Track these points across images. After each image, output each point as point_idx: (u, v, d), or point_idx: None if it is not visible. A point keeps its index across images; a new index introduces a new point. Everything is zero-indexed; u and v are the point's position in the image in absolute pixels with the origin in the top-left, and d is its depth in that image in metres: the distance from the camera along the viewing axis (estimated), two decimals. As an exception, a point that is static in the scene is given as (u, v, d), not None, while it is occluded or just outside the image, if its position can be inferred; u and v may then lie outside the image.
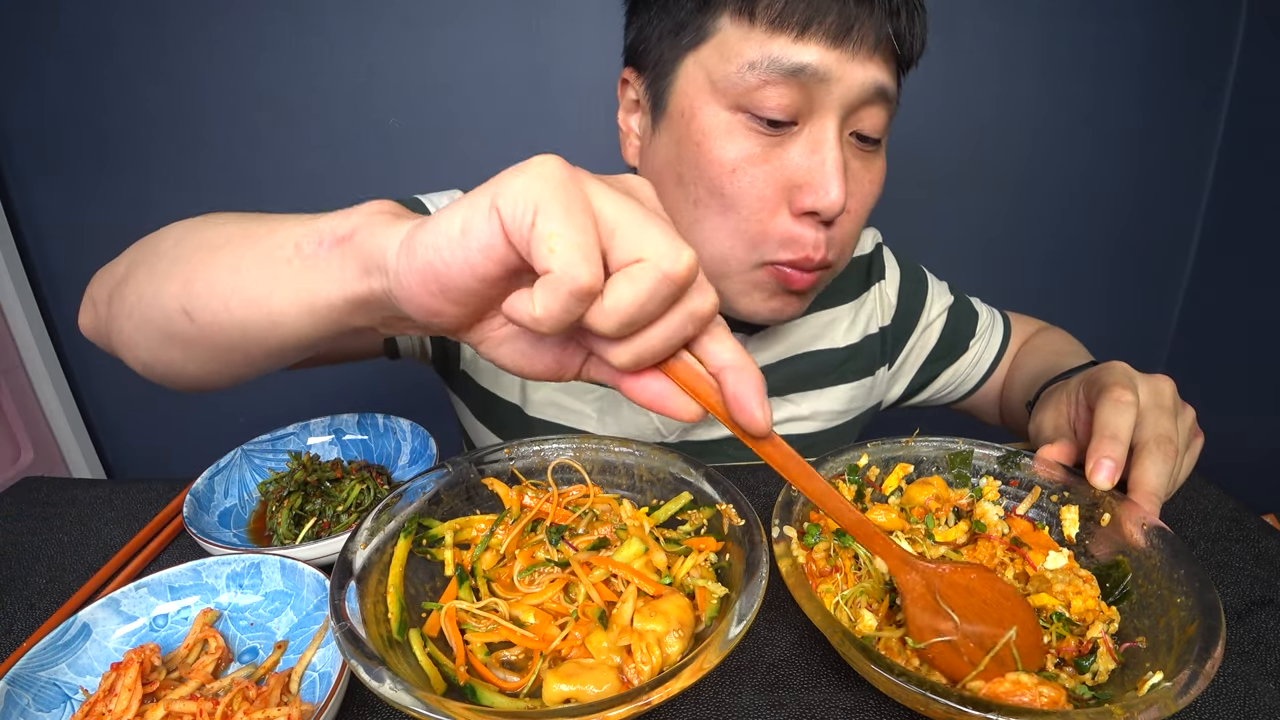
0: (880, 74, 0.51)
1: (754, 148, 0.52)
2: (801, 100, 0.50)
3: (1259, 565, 0.52)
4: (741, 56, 0.50)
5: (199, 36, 1.23)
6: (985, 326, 0.81)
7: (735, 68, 0.51)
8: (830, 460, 0.51)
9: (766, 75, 0.50)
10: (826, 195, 0.51)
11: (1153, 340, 1.60)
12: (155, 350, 0.45)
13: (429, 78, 1.28)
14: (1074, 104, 1.36)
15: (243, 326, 0.38)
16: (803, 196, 0.52)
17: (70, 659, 0.41)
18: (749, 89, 0.50)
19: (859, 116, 0.53)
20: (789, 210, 0.54)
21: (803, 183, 0.52)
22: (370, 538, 0.41)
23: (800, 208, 0.53)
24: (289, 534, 0.57)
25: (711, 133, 0.53)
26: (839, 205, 0.51)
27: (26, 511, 0.61)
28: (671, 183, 0.57)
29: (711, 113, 0.53)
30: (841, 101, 0.51)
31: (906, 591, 0.39)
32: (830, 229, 0.54)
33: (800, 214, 0.53)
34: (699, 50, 0.53)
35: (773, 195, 0.53)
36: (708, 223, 0.55)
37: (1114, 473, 0.45)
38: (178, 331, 0.41)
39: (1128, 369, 0.51)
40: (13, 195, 1.35)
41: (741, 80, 0.50)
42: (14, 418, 1.35)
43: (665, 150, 0.57)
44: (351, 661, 0.32)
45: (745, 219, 0.54)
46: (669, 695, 0.31)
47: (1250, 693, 0.41)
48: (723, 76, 0.51)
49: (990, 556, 0.46)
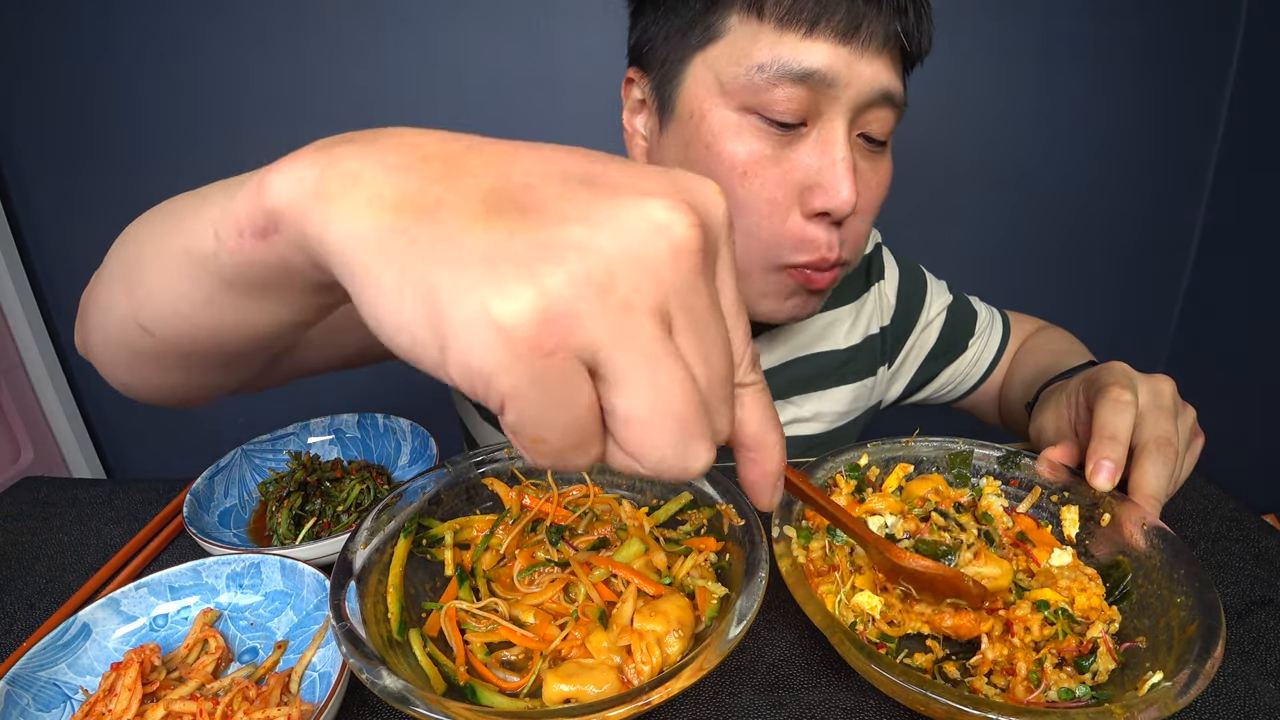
0: (888, 75, 0.51)
1: (764, 149, 0.52)
2: (810, 102, 0.51)
3: (1259, 565, 0.52)
4: (750, 58, 0.50)
5: (199, 36, 1.23)
6: (984, 325, 0.81)
7: (744, 69, 0.50)
8: (830, 460, 0.51)
9: (775, 78, 0.50)
10: (838, 195, 0.51)
11: (1153, 340, 1.60)
12: (131, 369, 0.39)
13: (429, 78, 1.28)
14: (1074, 104, 1.36)
15: (209, 331, 0.32)
16: (814, 197, 0.52)
17: (70, 659, 0.41)
18: (758, 90, 0.50)
19: (867, 118, 0.53)
20: (800, 211, 0.54)
21: (814, 184, 0.52)
22: (370, 538, 0.41)
23: (812, 209, 0.53)
24: (289, 534, 0.57)
25: (721, 134, 0.53)
26: (850, 205, 0.51)
27: (26, 511, 0.61)
28: None
29: (721, 114, 0.53)
30: (850, 103, 0.51)
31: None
32: (842, 229, 0.55)
33: (811, 215, 0.53)
34: (707, 50, 0.53)
35: (784, 197, 0.53)
36: None
37: (1114, 474, 0.45)
38: (144, 348, 0.35)
39: (1127, 369, 0.51)
40: (13, 195, 1.35)
41: (750, 82, 0.50)
42: (14, 418, 1.35)
43: (674, 152, 0.57)
44: (351, 661, 0.32)
45: (758, 222, 0.54)
46: (669, 695, 0.31)
47: (1250, 693, 0.41)
48: (732, 78, 0.51)
49: (997, 548, 0.47)
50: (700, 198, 0.21)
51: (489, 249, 0.18)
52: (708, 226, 0.21)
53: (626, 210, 0.19)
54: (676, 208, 0.20)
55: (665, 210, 0.19)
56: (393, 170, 0.21)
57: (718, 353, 0.21)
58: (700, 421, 0.20)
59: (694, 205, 0.20)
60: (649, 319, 0.19)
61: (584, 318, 0.18)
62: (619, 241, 0.19)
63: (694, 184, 0.21)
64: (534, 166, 0.21)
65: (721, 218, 0.22)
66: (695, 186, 0.21)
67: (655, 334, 0.19)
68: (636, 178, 0.21)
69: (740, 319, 0.23)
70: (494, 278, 0.18)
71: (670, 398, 0.19)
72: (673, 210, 0.20)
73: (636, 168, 0.21)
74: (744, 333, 0.23)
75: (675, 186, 0.21)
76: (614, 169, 0.21)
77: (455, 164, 0.21)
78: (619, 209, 0.19)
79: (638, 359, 0.19)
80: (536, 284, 0.18)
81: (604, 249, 0.18)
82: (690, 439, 0.20)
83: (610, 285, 0.18)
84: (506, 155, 0.21)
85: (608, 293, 0.18)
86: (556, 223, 0.19)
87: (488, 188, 0.20)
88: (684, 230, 0.20)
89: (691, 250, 0.20)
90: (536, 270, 0.18)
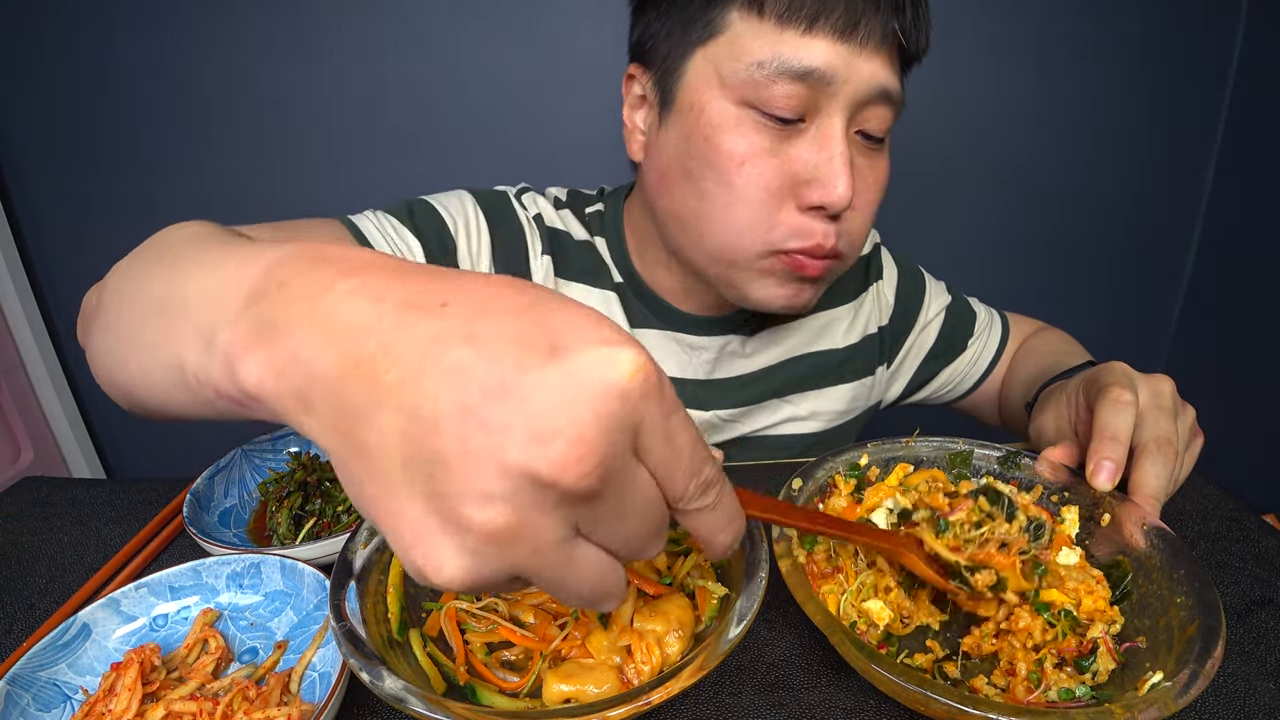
0: (885, 73, 0.52)
1: (762, 142, 0.53)
2: (809, 99, 0.51)
3: (1259, 565, 0.51)
4: (750, 54, 0.51)
5: (199, 36, 1.23)
6: (983, 326, 0.81)
7: (744, 65, 0.51)
8: (830, 460, 0.51)
9: (774, 74, 0.50)
10: (834, 190, 0.52)
11: (1153, 340, 1.59)
12: (131, 408, 0.39)
13: (429, 78, 1.28)
14: (1073, 104, 1.36)
15: (201, 417, 0.31)
16: (810, 192, 0.53)
17: (70, 659, 0.41)
18: (757, 86, 0.51)
19: (864, 116, 0.53)
20: (795, 205, 0.54)
21: (810, 178, 0.53)
22: (370, 537, 0.41)
23: (807, 202, 0.53)
24: (289, 534, 0.57)
25: (721, 126, 0.53)
26: (846, 200, 0.52)
27: (26, 511, 0.61)
28: (679, 176, 0.57)
29: (720, 107, 0.53)
30: (848, 100, 0.51)
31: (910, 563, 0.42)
32: (839, 224, 0.55)
33: (807, 209, 0.54)
34: (708, 46, 0.53)
35: (779, 188, 0.54)
36: (715, 214, 0.56)
37: (1114, 474, 0.45)
38: (135, 401, 0.36)
39: (1127, 369, 0.51)
40: (13, 195, 1.35)
41: (750, 78, 0.51)
42: (14, 418, 1.35)
43: (673, 144, 0.57)
44: (351, 661, 0.32)
45: (753, 211, 0.54)
46: (669, 695, 0.31)
47: (1250, 693, 0.41)
48: (731, 73, 0.52)
49: (1009, 535, 0.46)
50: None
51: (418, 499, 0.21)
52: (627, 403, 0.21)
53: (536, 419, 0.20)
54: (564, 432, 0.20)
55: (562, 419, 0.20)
56: (334, 380, 0.22)
57: (634, 530, 0.24)
58: (610, 584, 0.24)
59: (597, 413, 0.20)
60: (552, 541, 0.22)
61: (504, 557, 0.21)
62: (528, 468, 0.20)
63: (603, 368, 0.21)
64: (442, 391, 0.20)
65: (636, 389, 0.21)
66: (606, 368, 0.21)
67: (559, 556, 0.22)
68: (536, 386, 0.20)
69: (690, 454, 0.24)
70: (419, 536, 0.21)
71: (579, 589, 0.23)
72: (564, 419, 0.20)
73: (541, 362, 0.20)
74: (688, 467, 0.24)
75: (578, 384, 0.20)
76: (524, 379, 0.20)
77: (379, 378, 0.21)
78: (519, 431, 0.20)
79: (548, 576, 0.22)
80: (460, 540, 0.21)
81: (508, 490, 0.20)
82: (600, 601, 0.24)
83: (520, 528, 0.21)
84: (426, 363, 0.21)
85: (516, 540, 0.21)
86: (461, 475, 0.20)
87: (403, 429, 0.21)
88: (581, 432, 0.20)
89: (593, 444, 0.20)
90: (461, 524, 0.21)
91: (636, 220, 0.68)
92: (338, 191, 1.32)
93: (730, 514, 0.27)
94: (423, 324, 0.21)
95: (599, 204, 0.72)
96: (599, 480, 0.21)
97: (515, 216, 0.68)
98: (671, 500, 0.24)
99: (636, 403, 0.21)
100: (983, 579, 0.40)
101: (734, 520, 0.27)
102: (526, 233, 0.67)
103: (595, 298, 0.68)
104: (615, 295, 0.68)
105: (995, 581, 0.40)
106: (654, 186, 0.61)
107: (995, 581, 0.40)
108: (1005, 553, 0.41)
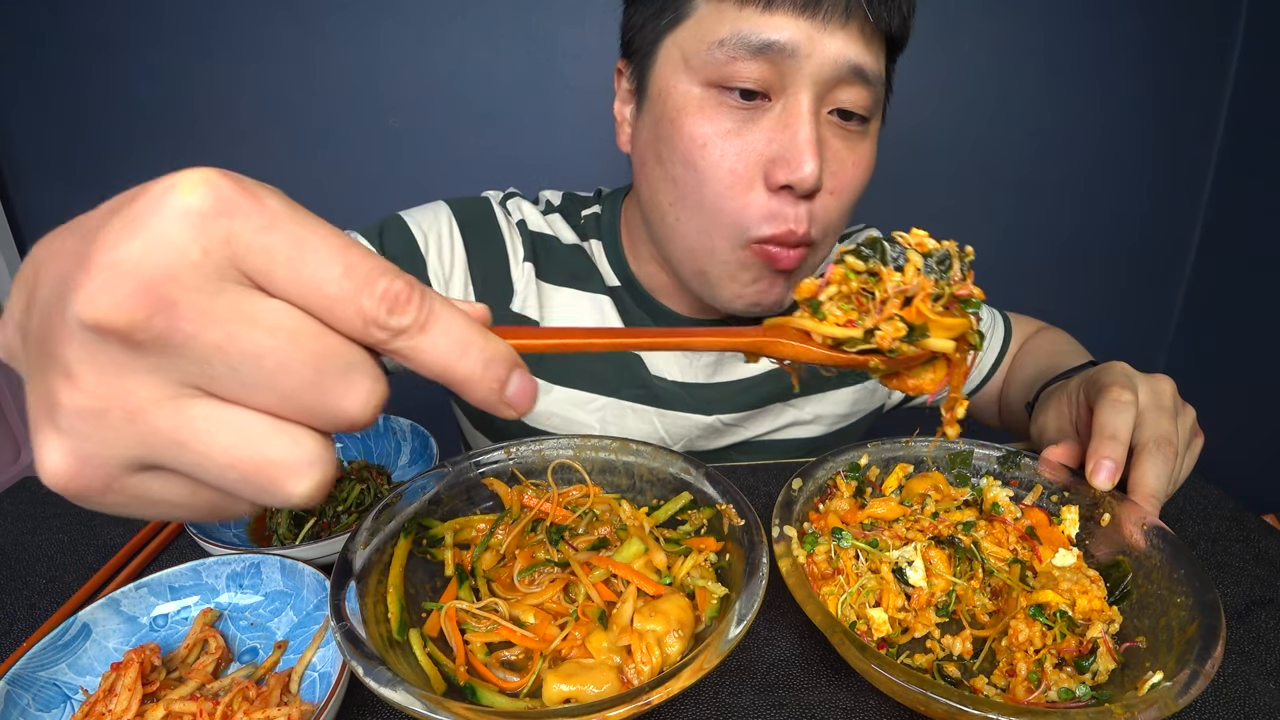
0: (854, 49, 0.51)
1: (727, 123, 0.53)
2: (773, 75, 0.51)
3: (1259, 565, 0.52)
4: (713, 34, 0.51)
5: (199, 36, 1.23)
6: (986, 327, 0.81)
7: (706, 46, 0.51)
8: (831, 460, 0.51)
9: (734, 51, 0.50)
10: (800, 169, 0.51)
11: (1153, 340, 1.60)
12: None
13: (429, 78, 1.28)
14: (1074, 104, 1.36)
15: None
16: (777, 170, 0.52)
17: (70, 659, 0.41)
18: (719, 65, 0.51)
19: (837, 95, 0.53)
20: (765, 186, 0.53)
21: (775, 156, 0.52)
22: (370, 538, 0.41)
23: (775, 182, 0.52)
24: (289, 534, 0.57)
25: (685, 108, 0.54)
26: (814, 177, 0.51)
27: (26, 511, 0.61)
28: (652, 161, 0.57)
29: (684, 90, 0.54)
30: (814, 77, 0.51)
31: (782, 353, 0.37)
32: (811, 205, 0.54)
33: (776, 189, 0.53)
34: (676, 31, 0.54)
35: (745, 170, 0.53)
36: (687, 200, 0.56)
37: (1114, 473, 0.45)
38: None
39: (1127, 369, 0.51)
40: (13, 195, 1.35)
41: (712, 58, 0.51)
42: (14, 418, 1.35)
43: (647, 130, 0.58)
44: (351, 661, 0.32)
45: (720, 194, 0.54)
46: (669, 695, 0.31)
47: (1250, 693, 0.41)
48: (695, 54, 0.52)
49: (1002, 539, 0.46)
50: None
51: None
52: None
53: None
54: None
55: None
56: None
57: (277, 377, 0.19)
58: (273, 452, 0.20)
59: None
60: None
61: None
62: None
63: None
64: (42, 273, 0.20)
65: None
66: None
67: (171, 422, 0.19)
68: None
69: (341, 270, 0.20)
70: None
71: (225, 462, 0.19)
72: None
73: (108, 218, 0.19)
74: (345, 287, 0.20)
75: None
76: (91, 240, 0.19)
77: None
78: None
79: (173, 453, 0.20)
80: (55, 422, 0.19)
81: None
82: (271, 480, 0.20)
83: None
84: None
85: (107, 408, 0.19)
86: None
87: (27, 327, 0.20)
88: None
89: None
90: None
91: (632, 217, 0.68)
92: (335, 190, 1.32)
93: (459, 336, 0.21)
94: (61, 236, 0.20)
95: (595, 206, 0.71)
96: (168, 318, 0.18)
97: (495, 223, 0.68)
98: (355, 333, 0.20)
99: (208, 223, 0.18)
100: (886, 334, 0.34)
101: (469, 343, 0.22)
102: (507, 239, 0.67)
103: (585, 303, 0.68)
104: (609, 299, 0.68)
105: (907, 333, 0.34)
106: (636, 177, 0.61)
107: (907, 333, 0.34)
108: (914, 306, 0.34)
